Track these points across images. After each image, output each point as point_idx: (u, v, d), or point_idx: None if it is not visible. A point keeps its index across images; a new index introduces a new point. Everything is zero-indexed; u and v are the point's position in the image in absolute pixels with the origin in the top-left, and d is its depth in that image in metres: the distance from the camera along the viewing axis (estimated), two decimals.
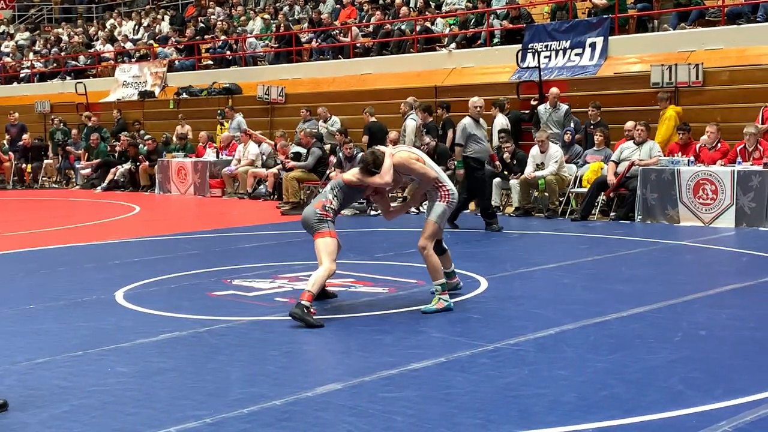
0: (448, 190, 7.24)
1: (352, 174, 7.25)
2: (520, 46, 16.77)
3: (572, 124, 14.52)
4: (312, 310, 6.68)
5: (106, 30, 28.49)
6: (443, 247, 7.47)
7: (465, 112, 16.23)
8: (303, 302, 6.62)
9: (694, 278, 8.50)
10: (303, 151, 16.21)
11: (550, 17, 17.94)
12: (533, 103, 15.60)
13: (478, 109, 11.90)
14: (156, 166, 19.34)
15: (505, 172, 13.90)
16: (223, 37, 23.57)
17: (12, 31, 33.17)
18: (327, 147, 16.64)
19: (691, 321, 6.56)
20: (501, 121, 15.38)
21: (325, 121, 18.33)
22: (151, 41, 26.00)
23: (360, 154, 14.57)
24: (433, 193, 7.28)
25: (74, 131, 22.54)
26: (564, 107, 14.66)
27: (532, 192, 13.42)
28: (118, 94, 24.67)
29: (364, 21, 21.14)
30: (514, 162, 13.74)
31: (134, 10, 30.46)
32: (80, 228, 12.89)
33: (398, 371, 5.35)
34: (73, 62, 27.48)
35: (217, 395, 4.96)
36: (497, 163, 13.30)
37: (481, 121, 12.05)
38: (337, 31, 21.09)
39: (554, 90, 14.78)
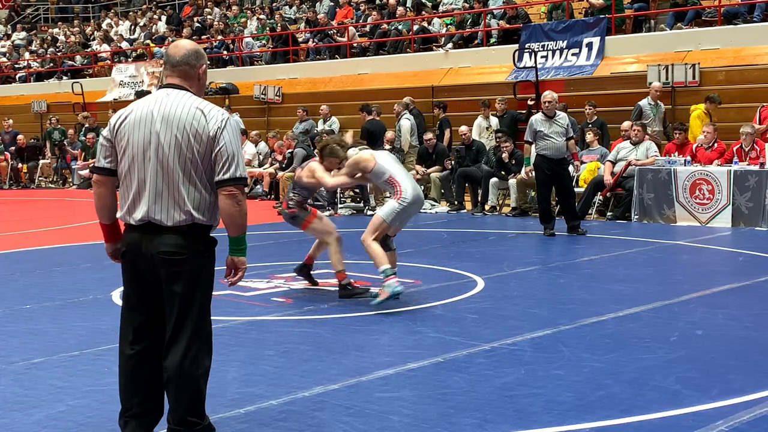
0: (401, 189, 7.26)
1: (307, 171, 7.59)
2: (517, 46, 16.78)
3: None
4: (352, 282, 7.48)
5: (103, 30, 28.47)
6: (389, 246, 7.46)
7: (462, 111, 16.34)
8: (342, 282, 7.37)
9: (690, 278, 8.51)
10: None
11: (546, 17, 17.96)
12: (530, 103, 15.62)
13: (547, 104, 11.14)
14: None
15: (503, 172, 13.91)
16: (219, 37, 23.56)
17: (8, 31, 33.14)
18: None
19: (687, 321, 6.57)
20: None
21: (325, 121, 18.34)
22: (148, 41, 25.99)
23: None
24: (390, 190, 7.38)
25: (71, 131, 22.53)
26: (661, 104, 14.15)
27: (529, 192, 13.43)
28: (115, 94, 24.65)
29: (360, 21, 21.15)
30: (512, 162, 13.76)
31: (131, 10, 30.45)
32: (77, 228, 12.88)
33: (395, 371, 5.35)
34: (70, 62, 27.46)
35: (213, 395, 4.94)
36: (577, 162, 12.34)
37: (559, 116, 11.22)
38: (334, 31, 21.09)
39: (656, 84, 14.14)
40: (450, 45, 18.67)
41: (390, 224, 7.26)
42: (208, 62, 4.20)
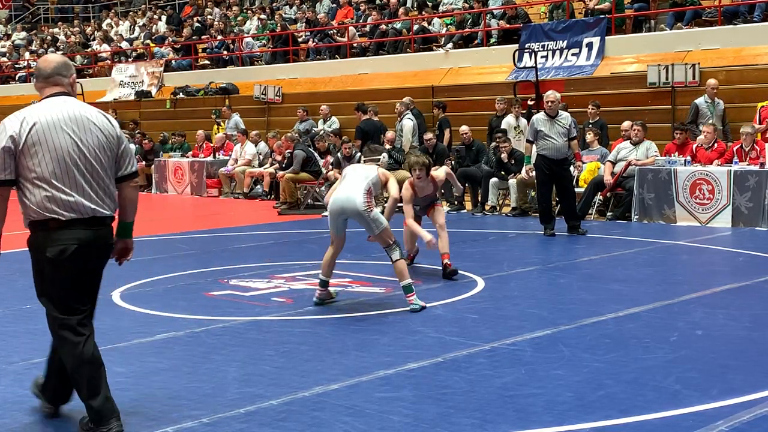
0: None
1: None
2: (517, 46, 16.78)
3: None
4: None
5: (103, 30, 28.47)
6: (390, 257, 7.35)
7: (462, 111, 16.34)
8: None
9: (690, 278, 8.51)
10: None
11: (547, 17, 17.94)
12: (530, 103, 15.61)
13: (550, 103, 11.11)
14: (153, 166, 19.34)
15: (503, 173, 13.90)
16: (219, 37, 23.56)
17: (9, 31, 33.13)
18: (324, 145, 16.62)
19: (687, 321, 6.57)
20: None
21: (325, 121, 18.34)
22: (148, 41, 25.99)
23: (358, 155, 14.59)
24: None
25: None
26: (720, 101, 13.56)
27: (529, 192, 13.42)
28: (115, 94, 24.66)
29: (360, 21, 21.14)
30: (512, 162, 13.75)
31: (131, 10, 30.44)
32: None
33: (395, 371, 5.36)
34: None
35: (213, 395, 4.96)
36: (579, 163, 11.96)
37: (562, 116, 11.17)
38: (334, 31, 21.09)
39: (712, 81, 13.55)
40: (450, 45, 18.66)
41: (330, 231, 7.41)
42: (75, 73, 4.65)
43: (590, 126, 14.24)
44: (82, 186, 4.27)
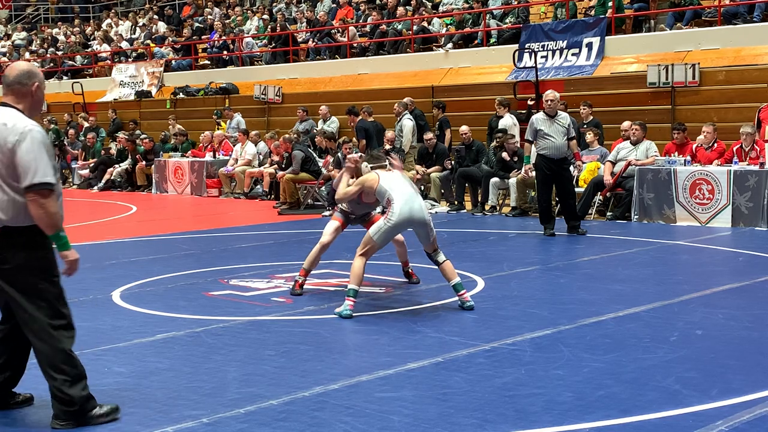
0: (391, 209, 7.00)
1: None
2: (516, 46, 16.78)
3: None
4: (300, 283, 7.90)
5: (103, 30, 28.46)
6: (437, 261, 7.15)
7: (461, 111, 16.33)
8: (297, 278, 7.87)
9: (690, 278, 8.51)
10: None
11: (552, 16, 17.93)
12: (530, 103, 15.61)
13: (549, 102, 11.09)
14: (153, 166, 19.33)
15: (502, 172, 13.90)
16: (221, 37, 23.55)
17: (9, 31, 33.12)
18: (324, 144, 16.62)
19: (687, 321, 6.57)
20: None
21: (325, 121, 18.34)
22: (148, 41, 25.99)
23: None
24: (386, 209, 7.13)
25: (71, 131, 22.53)
26: None
27: (529, 192, 13.42)
28: (115, 94, 24.66)
29: (360, 21, 21.14)
30: (514, 159, 13.75)
31: (131, 10, 30.43)
32: (77, 228, 12.87)
33: (395, 371, 5.36)
34: (70, 62, 27.46)
35: (213, 395, 4.96)
36: (579, 162, 11.84)
37: (561, 115, 11.17)
38: (334, 31, 21.09)
39: None
40: (450, 45, 18.66)
41: (376, 242, 7.03)
42: (43, 80, 4.60)
43: (585, 126, 14.23)
44: None
